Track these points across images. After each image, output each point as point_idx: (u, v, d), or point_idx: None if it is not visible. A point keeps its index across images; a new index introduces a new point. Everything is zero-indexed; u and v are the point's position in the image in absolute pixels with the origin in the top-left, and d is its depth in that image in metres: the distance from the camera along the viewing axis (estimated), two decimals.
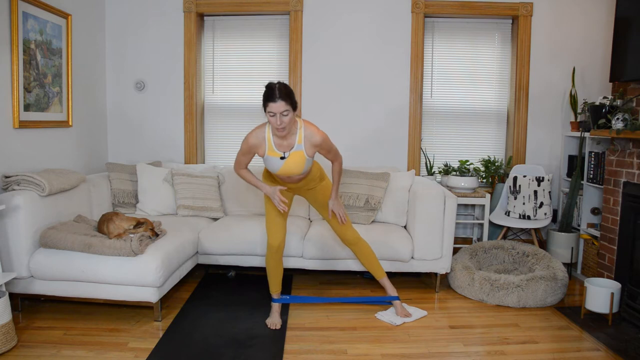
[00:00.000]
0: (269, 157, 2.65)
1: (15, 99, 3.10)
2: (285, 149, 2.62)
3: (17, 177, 2.90)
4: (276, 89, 2.46)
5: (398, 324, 2.89)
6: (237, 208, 3.91)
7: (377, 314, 3.01)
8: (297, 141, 2.61)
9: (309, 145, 2.62)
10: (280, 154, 2.62)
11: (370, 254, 3.02)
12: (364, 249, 3.00)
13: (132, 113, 4.37)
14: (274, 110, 2.45)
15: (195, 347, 2.56)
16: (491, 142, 4.45)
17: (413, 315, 2.99)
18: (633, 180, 3.10)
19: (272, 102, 2.45)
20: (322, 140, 2.62)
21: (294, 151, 2.62)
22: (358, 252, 3.01)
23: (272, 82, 2.53)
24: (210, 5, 4.24)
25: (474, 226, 4.44)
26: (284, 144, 2.62)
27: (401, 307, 3.02)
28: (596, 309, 2.93)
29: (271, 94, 2.46)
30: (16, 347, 2.53)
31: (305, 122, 2.64)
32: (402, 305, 3.04)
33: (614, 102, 3.41)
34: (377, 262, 3.04)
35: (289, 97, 2.47)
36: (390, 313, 3.02)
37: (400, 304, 3.04)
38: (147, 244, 2.87)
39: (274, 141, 2.62)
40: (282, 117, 2.47)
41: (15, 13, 3.06)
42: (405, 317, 2.96)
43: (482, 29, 4.34)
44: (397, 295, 3.05)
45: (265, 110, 2.51)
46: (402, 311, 3.00)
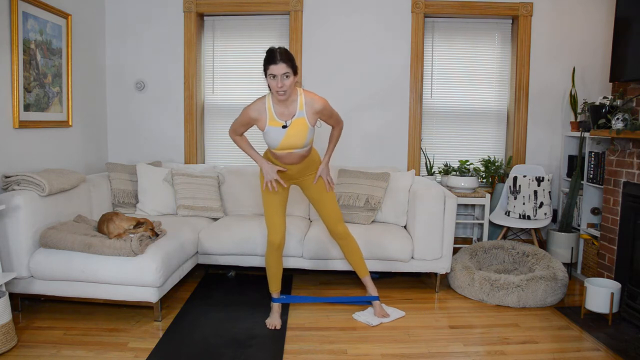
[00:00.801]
0: (271, 129, 2.62)
1: (15, 99, 3.10)
2: (286, 117, 2.60)
3: (17, 177, 2.90)
4: (277, 52, 2.46)
5: (375, 324, 2.86)
6: (237, 208, 3.91)
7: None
8: (299, 107, 2.59)
9: (311, 112, 2.61)
10: (282, 122, 2.60)
11: (356, 251, 3.01)
12: (352, 245, 2.99)
13: (132, 113, 4.37)
14: (275, 72, 2.45)
15: (195, 347, 2.57)
16: (491, 142, 4.45)
17: (391, 316, 2.97)
18: (633, 180, 3.10)
19: (274, 64, 2.45)
20: (323, 105, 2.63)
21: (296, 118, 2.60)
22: (345, 247, 2.99)
23: (273, 46, 2.52)
24: (210, 5, 4.24)
25: (474, 226, 4.44)
26: (285, 112, 2.60)
27: (380, 307, 3.00)
28: (596, 309, 2.93)
29: (272, 57, 2.46)
30: (16, 347, 2.53)
31: (304, 90, 2.64)
32: (381, 306, 3.01)
33: (614, 102, 3.41)
34: (362, 260, 3.03)
35: (290, 60, 2.48)
36: (368, 313, 2.99)
37: (380, 304, 3.01)
38: (147, 244, 2.87)
39: (275, 110, 2.60)
40: (283, 80, 2.46)
41: (15, 13, 3.06)
42: (383, 318, 2.94)
43: (482, 29, 4.34)
44: (377, 295, 3.03)
45: (266, 74, 2.51)
46: (380, 311, 2.97)
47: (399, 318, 2.98)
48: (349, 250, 2.99)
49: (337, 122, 2.79)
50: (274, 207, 2.81)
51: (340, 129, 2.84)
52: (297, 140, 2.63)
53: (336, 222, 2.93)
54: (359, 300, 3.16)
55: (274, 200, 2.81)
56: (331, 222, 2.93)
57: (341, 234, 2.95)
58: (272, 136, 2.63)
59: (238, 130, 2.77)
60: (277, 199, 2.81)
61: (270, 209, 2.82)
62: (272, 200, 2.81)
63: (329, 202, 2.91)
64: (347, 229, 2.98)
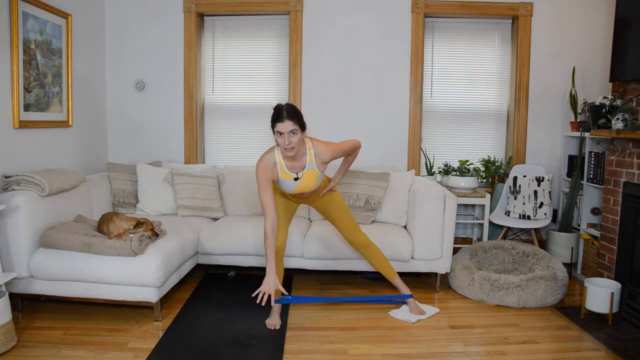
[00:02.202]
0: (283, 180, 2.66)
1: (15, 99, 3.10)
2: (297, 169, 2.64)
3: (17, 177, 2.90)
4: (283, 109, 2.47)
5: (413, 321, 2.91)
6: (237, 208, 3.91)
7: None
8: (309, 160, 2.63)
9: (320, 162, 2.65)
10: (294, 175, 2.64)
11: (381, 256, 3.03)
12: (375, 251, 3.01)
13: (132, 113, 4.37)
14: (282, 130, 2.45)
15: (195, 347, 2.56)
16: (491, 142, 4.45)
17: (427, 313, 3.02)
18: (633, 180, 3.10)
19: (280, 122, 2.45)
20: (332, 154, 2.66)
21: (307, 170, 2.64)
22: (369, 255, 3.01)
23: (280, 103, 2.53)
24: (210, 5, 4.24)
25: (474, 226, 4.44)
26: (295, 165, 2.63)
27: (415, 305, 3.05)
28: (596, 309, 2.93)
29: (279, 114, 2.47)
30: (16, 347, 2.52)
31: (313, 141, 2.65)
32: (416, 303, 3.06)
33: (614, 102, 3.41)
34: (388, 264, 3.06)
35: (297, 117, 2.48)
36: (404, 311, 3.04)
37: (414, 302, 3.06)
38: (147, 244, 2.87)
39: (285, 164, 2.62)
40: (290, 137, 2.47)
41: (15, 13, 3.06)
42: (420, 315, 2.98)
43: (482, 29, 4.34)
44: (410, 293, 3.08)
45: (273, 131, 2.51)
46: (416, 309, 3.02)
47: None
48: (374, 257, 3.01)
49: (353, 150, 2.79)
50: (280, 216, 2.83)
51: (357, 153, 2.85)
52: (309, 187, 2.71)
53: (355, 233, 2.95)
54: (392, 299, 3.18)
55: (281, 209, 2.84)
56: (350, 234, 2.95)
57: (362, 244, 2.97)
58: (285, 186, 2.70)
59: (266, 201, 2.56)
60: (284, 208, 2.86)
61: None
62: (279, 210, 2.83)
63: (343, 216, 2.93)
64: (367, 237, 2.99)
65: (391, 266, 3.07)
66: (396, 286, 3.09)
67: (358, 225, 2.99)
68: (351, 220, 2.95)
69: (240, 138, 4.47)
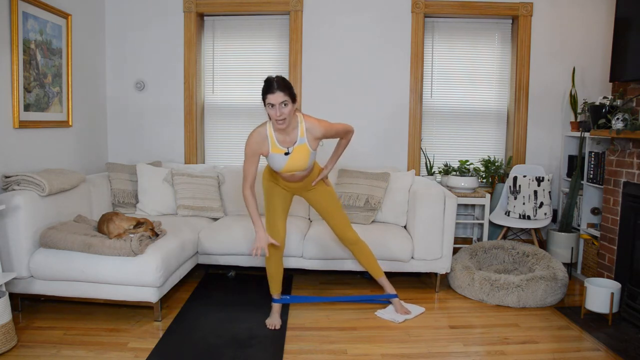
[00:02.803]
0: (273, 155, 2.64)
1: (15, 99, 3.10)
2: (288, 144, 2.62)
3: (17, 177, 2.90)
4: (274, 81, 2.48)
5: (400, 321, 2.91)
6: (237, 208, 3.91)
7: (376, 312, 3.02)
8: (300, 135, 2.61)
9: (312, 138, 2.64)
10: (284, 149, 2.62)
11: (369, 254, 3.03)
12: (363, 249, 3.01)
13: (132, 113, 4.37)
14: (273, 102, 2.46)
15: (195, 347, 2.57)
16: (491, 142, 4.45)
17: (412, 312, 3.01)
18: (633, 180, 3.10)
19: (271, 93, 2.46)
20: (324, 130, 2.65)
21: (298, 145, 2.62)
22: (357, 252, 3.02)
23: (271, 75, 2.53)
24: (210, 5, 4.24)
25: (474, 226, 4.44)
26: (286, 139, 2.62)
27: (400, 304, 3.05)
28: (596, 309, 2.93)
29: (269, 86, 2.47)
30: (16, 347, 2.53)
31: (304, 116, 2.65)
32: (401, 303, 3.06)
33: (614, 102, 3.41)
34: (375, 262, 3.06)
35: (288, 88, 2.48)
36: (390, 311, 3.04)
37: (399, 301, 3.06)
38: (147, 244, 2.87)
39: (276, 137, 2.62)
40: (281, 108, 2.47)
41: (15, 13, 3.06)
42: (405, 315, 2.98)
43: (482, 29, 4.34)
44: (395, 293, 3.07)
45: (265, 104, 2.52)
46: (402, 309, 3.02)
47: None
48: (362, 254, 3.02)
49: (345, 133, 2.79)
50: (276, 213, 2.83)
51: (349, 138, 2.85)
52: (299, 164, 2.68)
53: (345, 229, 2.95)
54: (377, 298, 3.18)
55: (277, 205, 2.83)
56: (339, 229, 2.95)
57: (351, 240, 2.97)
58: (275, 161, 2.67)
59: (249, 172, 2.65)
60: (280, 205, 2.84)
61: (272, 213, 2.84)
62: (275, 206, 2.83)
63: (334, 210, 2.93)
64: (357, 234, 2.99)
65: (378, 265, 3.07)
66: (382, 285, 3.09)
67: (349, 221, 2.99)
68: (342, 216, 2.95)
69: (240, 138, 4.45)
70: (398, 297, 3.08)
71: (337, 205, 2.95)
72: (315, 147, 2.68)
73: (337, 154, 2.90)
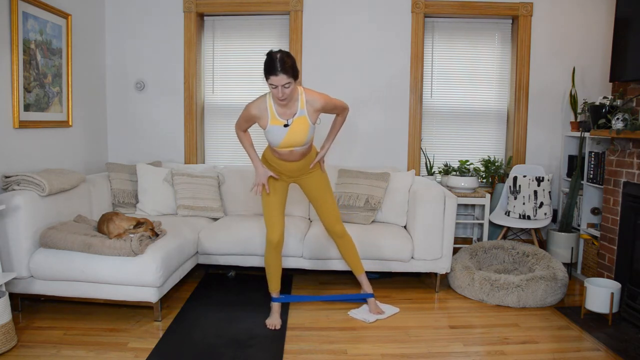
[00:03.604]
0: (272, 127, 2.63)
1: (15, 99, 3.10)
2: (288, 116, 2.61)
3: (17, 177, 2.90)
4: (277, 60, 2.42)
5: (371, 321, 2.90)
6: (237, 208, 3.91)
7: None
8: (300, 107, 2.61)
9: (312, 110, 2.63)
10: (284, 121, 2.61)
11: (353, 249, 3.03)
12: (348, 243, 3.01)
13: (132, 113, 4.37)
14: (276, 83, 2.44)
15: (195, 347, 2.56)
16: (491, 142, 4.45)
17: (385, 313, 3.00)
18: (633, 180, 3.10)
19: (274, 75, 2.43)
20: (324, 102, 2.64)
21: (297, 117, 2.61)
22: (342, 246, 3.01)
23: (273, 50, 2.48)
24: (210, 5, 4.24)
25: (474, 226, 4.44)
26: (286, 112, 2.61)
27: (375, 304, 3.04)
28: (596, 309, 2.93)
29: (272, 66, 2.43)
30: (16, 347, 2.53)
31: (305, 89, 2.64)
32: (375, 303, 3.05)
33: (614, 102, 3.41)
34: (358, 258, 3.06)
35: (291, 69, 2.44)
36: (363, 311, 3.03)
37: (374, 301, 3.05)
38: (147, 244, 2.87)
39: (276, 109, 2.61)
40: (283, 89, 2.46)
41: (15, 13, 3.06)
42: (378, 315, 2.97)
43: (482, 29, 4.34)
44: (372, 292, 3.07)
45: (267, 80, 2.49)
46: (375, 309, 3.01)
47: (394, 314, 3.01)
48: (346, 248, 3.02)
49: (342, 109, 2.80)
50: (273, 207, 2.82)
51: (345, 115, 2.85)
52: (298, 138, 2.65)
53: (334, 221, 2.94)
54: (355, 297, 3.17)
55: (273, 200, 2.82)
56: (330, 221, 2.94)
57: (338, 233, 2.97)
58: (273, 134, 2.64)
59: (242, 125, 2.77)
60: (276, 199, 2.83)
61: (269, 208, 2.83)
62: (271, 200, 2.82)
63: (328, 201, 2.92)
64: (345, 228, 3.00)
65: (360, 261, 3.06)
66: (360, 282, 3.08)
67: (339, 214, 2.99)
68: (334, 207, 2.94)
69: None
70: (374, 296, 3.07)
71: (330, 195, 2.94)
72: (315, 121, 2.66)
73: (334, 132, 2.89)
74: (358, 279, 3.08)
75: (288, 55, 2.46)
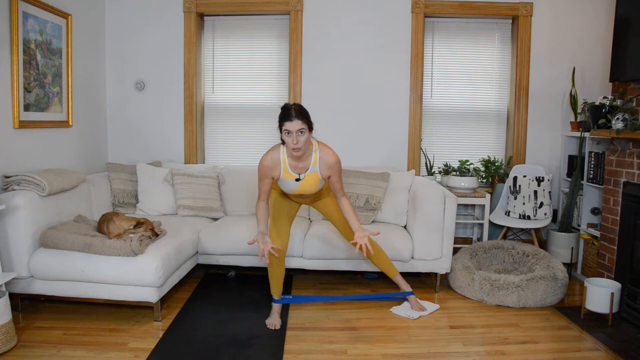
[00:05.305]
0: (284, 179, 2.67)
1: (15, 99, 3.10)
2: (300, 170, 2.64)
3: (17, 177, 2.90)
4: (292, 108, 2.48)
5: (415, 317, 2.95)
6: (237, 208, 3.91)
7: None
8: (312, 163, 2.63)
9: (324, 166, 2.65)
10: (296, 175, 2.64)
11: (382, 255, 3.04)
12: (376, 250, 2.99)
13: (132, 113, 4.37)
14: (290, 129, 2.46)
15: (195, 347, 2.56)
16: (491, 142, 4.45)
17: (428, 309, 3.06)
18: (633, 180, 3.10)
19: (288, 121, 2.46)
20: (336, 161, 2.65)
21: (309, 173, 2.65)
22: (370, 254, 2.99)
23: (288, 102, 2.55)
24: (210, 5, 4.24)
25: (474, 226, 4.44)
26: (299, 165, 2.63)
27: (416, 301, 3.10)
28: (596, 309, 2.93)
29: (287, 114, 2.47)
30: (16, 347, 2.52)
31: (320, 144, 2.66)
32: (416, 300, 3.11)
33: (614, 102, 3.41)
34: (389, 261, 3.08)
35: (305, 117, 2.49)
36: (406, 307, 3.08)
37: (415, 298, 3.11)
38: (147, 244, 2.87)
39: (289, 163, 2.63)
40: (298, 136, 2.47)
41: (15, 13, 3.06)
42: (421, 311, 3.03)
43: (482, 29, 4.34)
44: (411, 290, 3.12)
45: (281, 130, 2.51)
46: (417, 305, 3.08)
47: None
48: (375, 256, 3.00)
49: (343, 188, 2.76)
50: (282, 217, 2.86)
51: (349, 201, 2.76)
52: (309, 189, 2.72)
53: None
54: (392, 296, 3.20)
55: (283, 210, 2.87)
56: (349, 234, 2.94)
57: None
58: (285, 185, 2.71)
59: (262, 190, 2.68)
60: (286, 209, 2.88)
61: (277, 216, 2.86)
62: (281, 211, 2.86)
63: (343, 217, 2.92)
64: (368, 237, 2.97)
65: (392, 264, 3.09)
66: (397, 283, 3.12)
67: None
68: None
69: (240, 138, 4.47)
70: (414, 294, 3.12)
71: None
72: (326, 177, 2.69)
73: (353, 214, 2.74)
74: (394, 280, 3.11)
75: (301, 105, 2.53)
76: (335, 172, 2.68)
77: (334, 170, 2.66)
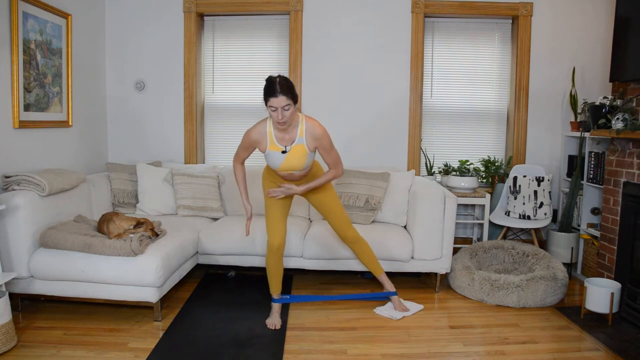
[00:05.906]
0: (271, 152, 2.66)
1: (15, 99, 3.10)
2: (286, 142, 2.63)
3: (17, 177, 2.90)
4: (277, 83, 2.46)
5: (398, 318, 2.94)
6: (237, 208, 3.91)
7: (375, 309, 3.05)
8: (299, 134, 2.62)
9: (311, 138, 2.63)
10: (282, 147, 2.63)
11: (369, 252, 3.06)
12: (364, 247, 3.03)
13: (132, 113, 4.37)
14: (275, 105, 2.46)
15: (195, 347, 2.56)
16: (491, 142, 4.45)
17: (410, 310, 3.05)
18: (633, 180, 3.10)
19: (273, 97, 2.45)
20: (322, 133, 2.63)
21: (296, 144, 2.63)
22: (358, 251, 3.04)
23: (272, 75, 2.52)
24: (210, 5, 4.24)
25: (474, 226, 4.44)
26: (285, 137, 2.63)
27: (399, 302, 3.09)
28: (596, 309, 2.93)
29: (272, 89, 2.46)
30: (16, 347, 2.53)
31: (306, 117, 2.66)
32: (399, 300, 3.10)
33: (614, 102, 3.41)
34: (376, 260, 3.09)
35: (290, 91, 2.48)
36: (389, 308, 3.07)
37: (398, 299, 3.10)
38: (147, 244, 2.87)
39: (275, 135, 2.63)
40: (283, 112, 2.48)
41: (15, 13, 3.06)
42: (404, 312, 3.02)
43: (482, 29, 4.34)
44: (395, 290, 3.11)
45: (266, 104, 2.52)
46: (400, 306, 3.07)
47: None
48: (362, 253, 3.04)
49: (335, 164, 2.73)
50: (276, 212, 2.84)
51: (335, 175, 2.76)
52: (296, 164, 2.68)
53: (345, 227, 2.96)
54: (376, 296, 3.20)
55: (276, 205, 2.84)
56: (340, 228, 2.96)
57: (352, 239, 2.99)
58: (272, 159, 2.69)
59: (240, 155, 2.80)
60: (279, 205, 2.85)
61: (272, 213, 2.84)
62: (274, 206, 2.84)
63: (334, 209, 2.93)
64: (357, 232, 3.01)
65: (378, 262, 3.10)
66: (381, 282, 3.12)
67: (350, 220, 3.00)
68: (343, 215, 2.96)
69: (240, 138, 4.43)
70: (397, 294, 3.11)
71: (338, 204, 2.95)
72: (313, 149, 2.68)
73: (319, 180, 2.77)
74: (379, 279, 3.12)
75: (286, 79, 2.52)
76: (323, 146, 2.65)
77: (321, 143, 2.64)
